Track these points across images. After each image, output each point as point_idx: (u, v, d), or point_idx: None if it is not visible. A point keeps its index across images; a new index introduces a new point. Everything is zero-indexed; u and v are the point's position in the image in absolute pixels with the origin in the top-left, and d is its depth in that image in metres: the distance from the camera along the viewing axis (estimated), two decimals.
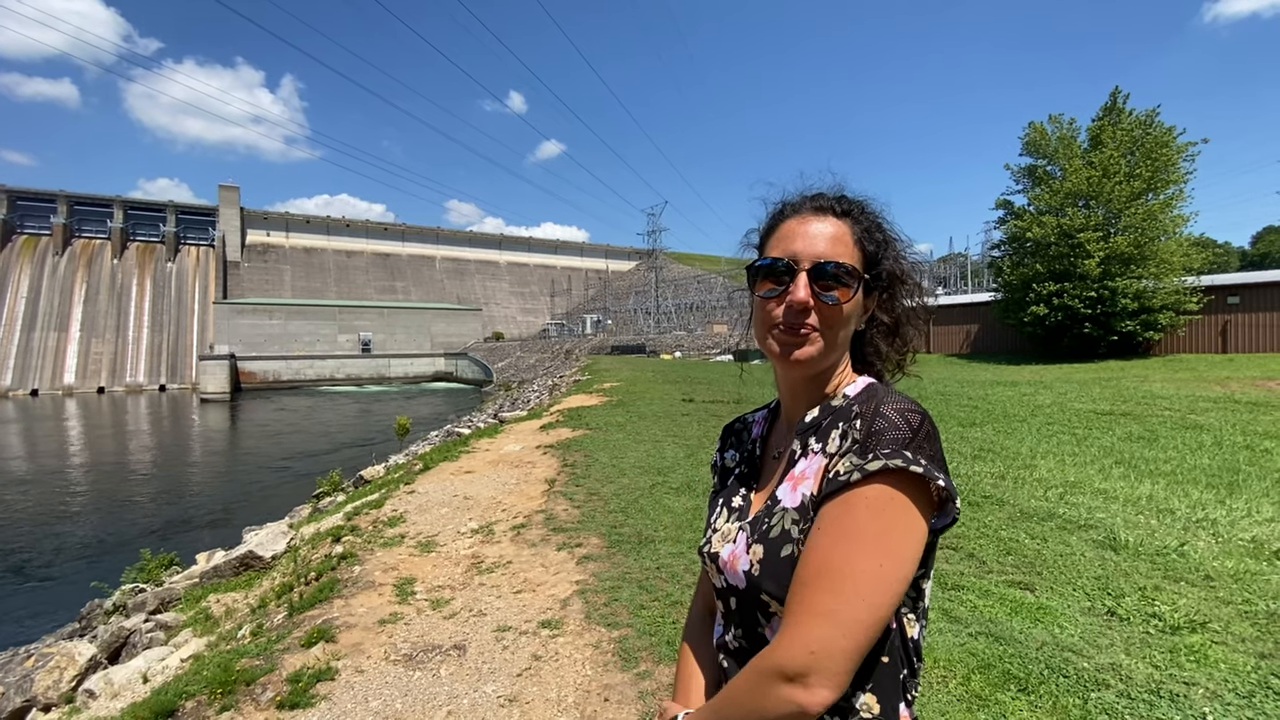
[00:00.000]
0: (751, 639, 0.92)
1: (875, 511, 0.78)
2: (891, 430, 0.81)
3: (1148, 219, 22.48)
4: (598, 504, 6.21)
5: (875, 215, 0.98)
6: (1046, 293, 23.41)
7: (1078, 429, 8.98)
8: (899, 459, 0.79)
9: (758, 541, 0.91)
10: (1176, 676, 2.77)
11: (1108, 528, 4.72)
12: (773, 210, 1.02)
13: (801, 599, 0.78)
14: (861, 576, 0.75)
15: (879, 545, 0.77)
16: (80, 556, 12.76)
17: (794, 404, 1.01)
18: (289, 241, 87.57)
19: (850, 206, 0.96)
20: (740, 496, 1.04)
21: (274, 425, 36.13)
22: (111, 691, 4.03)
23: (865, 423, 0.84)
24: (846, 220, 0.95)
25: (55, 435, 34.69)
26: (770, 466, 1.04)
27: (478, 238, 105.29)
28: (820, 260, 0.91)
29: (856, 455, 0.82)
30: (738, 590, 0.93)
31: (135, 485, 20.28)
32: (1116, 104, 24.50)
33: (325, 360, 69.34)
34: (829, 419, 0.92)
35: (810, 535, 0.82)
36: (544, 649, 3.48)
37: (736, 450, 1.14)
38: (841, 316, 0.92)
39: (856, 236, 0.95)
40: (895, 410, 0.84)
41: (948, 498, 0.83)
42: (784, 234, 0.96)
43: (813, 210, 0.96)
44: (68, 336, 67.46)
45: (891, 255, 0.98)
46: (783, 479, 0.95)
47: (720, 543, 1.00)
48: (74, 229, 74.75)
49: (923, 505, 0.80)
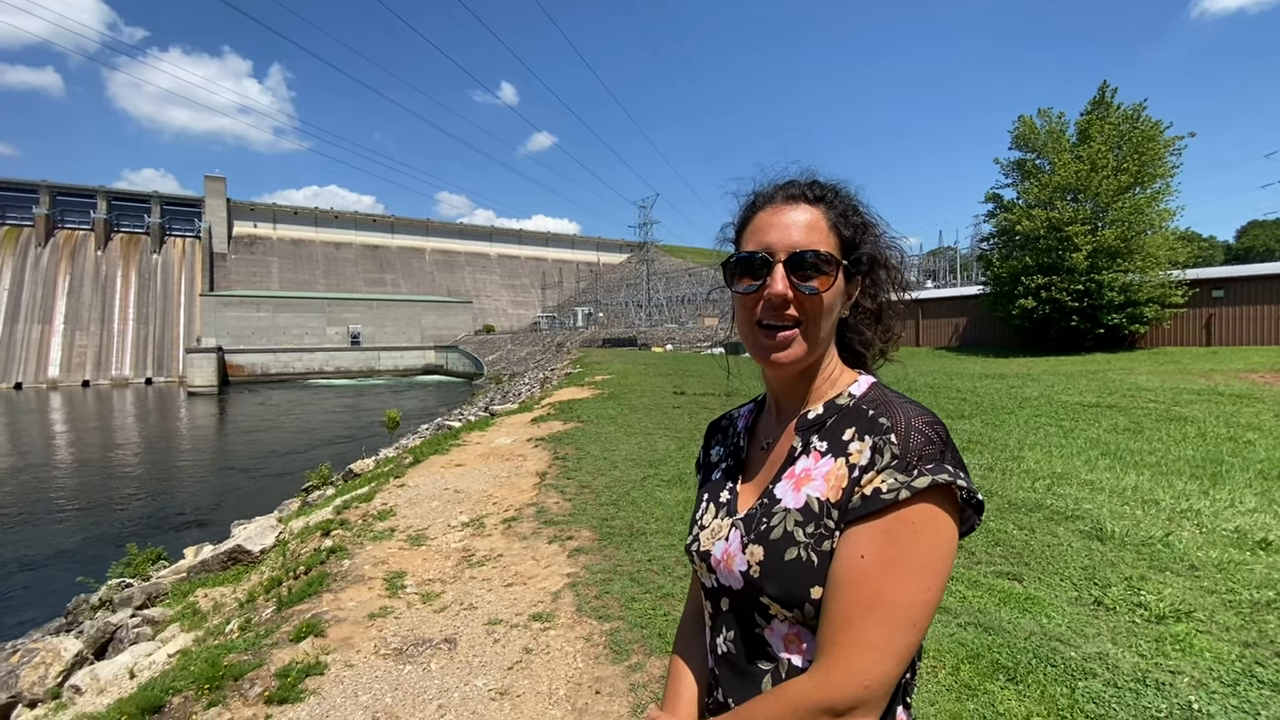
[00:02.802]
0: (748, 642, 0.89)
1: (922, 533, 0.76)
2: (928, 444, 0.79)
3: (1135, 213, 22.68)
4: (589, 497, 6.21)
5: (850, 198, 0.95)
6: (1035, 286, 23.60)
7: (1065, 421, 9.06)
8: (944, 473, 0.77)
9: (756, 542, 0.87)
10: (1162, 665, 2.80)
11: (1094, 518, 4.77)
12: (745, 203, 0.99)
13: (850, 631, 0.75)
14: (913, 605, 0.74)
15: (928, 570, 0.75)
16: (66, 552, 12.61)
17: (788, 398, 0.98)
18: (276, 233, 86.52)
19: (823, 191, 0.93)
20: (727, 490, 1.01)
21: (263, 418, 35.82)
22: (98, 687, 3.99)
23: (900, 436, 0.80)
24: (820, 206, 0.92)
25: (40, 429, 34.24)
26: (758, 458, 1.00)
27: (468, 230, 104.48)
28: (796, 250, 0.88)
29: (899, 471, 0.78)
30: (732, 591, 0.90)
31: (122, 480, 20.05)
32: (1105, 98, 24.62)
33: (314, 353, 68.69)
34: (835, 418, 0.90)
35: (847, 557, 0.78)
36: (535, 642, 3.47)
37: (722, 446, 1.11)
38: (823, 306, 0.89)
39: (832, 221, 0.92)
40: (924, 421, 0.82)
41: (978, 508, 0.83)
42: (758, 226, 0.93)
43: (785, 199, 0.93)
44: (51, 329, 66.44)
45: (870, 239, 0.95)
46: (780, 475, 0.92)
47: (710, 540, 0.96)
48: (57, 220, 73.46)
49: (956, 518, 0.79)
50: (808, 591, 0.81)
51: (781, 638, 0.86)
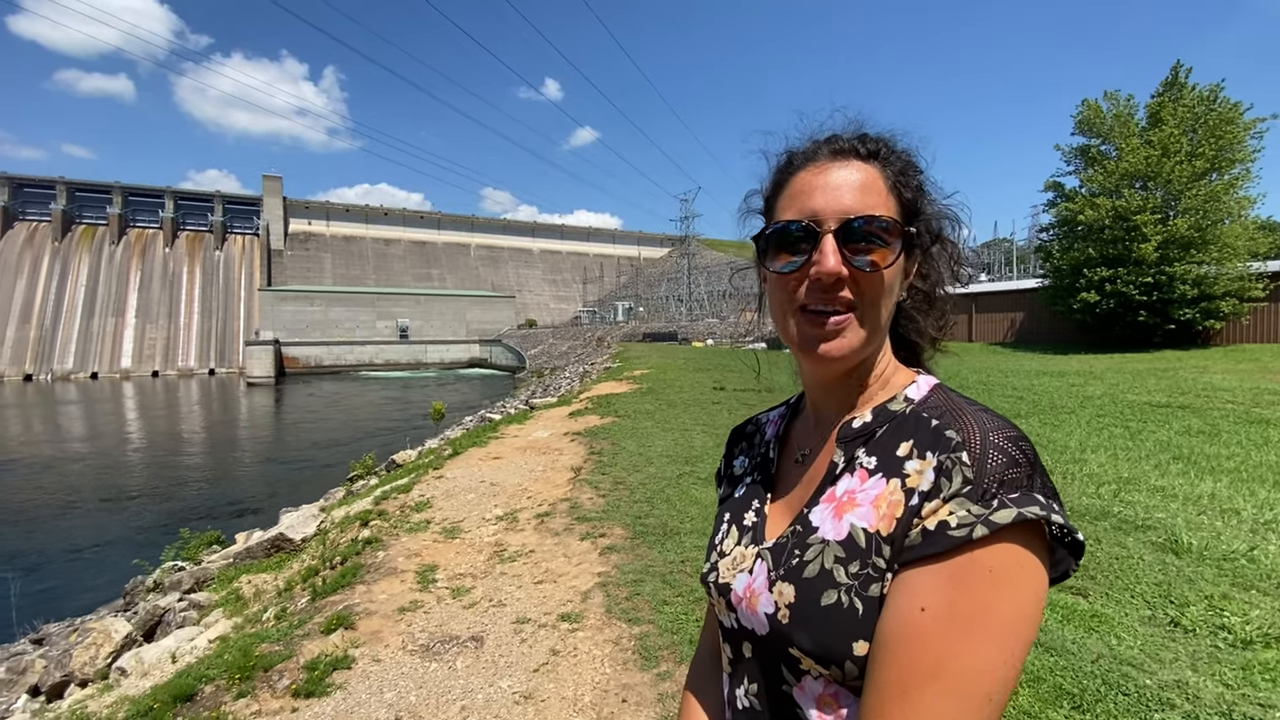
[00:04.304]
0: (773, 700, 0.73)
1: (1003, 583, 0.58)
2: (1011, 466, 0.62)
3: (1210, 201, 21.24)
4: (623, 493, 6.10)
5: (908, 154, 0.78)
6: (1099, 278, 22.37)
7: (1131, 422, 8.51)
8: (1032, 505, 0.60)
9: (786, 579, 0.71)
10: (1250, 697, 2.51)
11: (1168, 529, 4.40)
12: (778, 163, 0.81)
13: (905, 704, 0.58)
14: (989, 676, 0.57)
15: (1009, 631, 0.58)
16: (137, 531, 13.27)
17: (828, 400, 0.81)
18: (330, 230, 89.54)
19: (877, 146, 0.76)
20: (753, 512, 0.84)
21: (313, 410, 37.09)
22: (142, 670, 4.09)
23: (975, 455, 0.63)
24: (874, 163, 0.75)
25: (114, 417, 36.27)
26: (791, 472, 0.83)
27: (512, 225, 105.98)
28: (849, 216, 0.71)
29: (973, 501, 0.61)
30: (755, 636, 0.74)
31: (187, 465, 21.06)
32: (1178, 79, 23.10)
33: (364, 346, 70.92)
34: (888, 428, 0.73)
35: (903, 608, 0.61)
36: (562, 643, 3.37)
37: (747, 456, 0.94)
38: (884, 286, 0.72)
39: (891, 182, 0.75)
40: (1005, 436, 0.64)
41: (1075, 549, 0.65)
42: (798, 189, 0.76)
43: (830, 155, 0.76)
44: (124, 322, 70.41)
45: (929, 203, 0.79)
46: (817, 496, 0.75)
47: (731, 571, 0.80)
48: (129, 219, 77.76)
49: (1047, 562, 0.62)
50: (849, 647, 0.64)
51: (814, 698, 0.69)
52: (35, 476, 18.95)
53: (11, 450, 23.76)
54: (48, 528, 13.71)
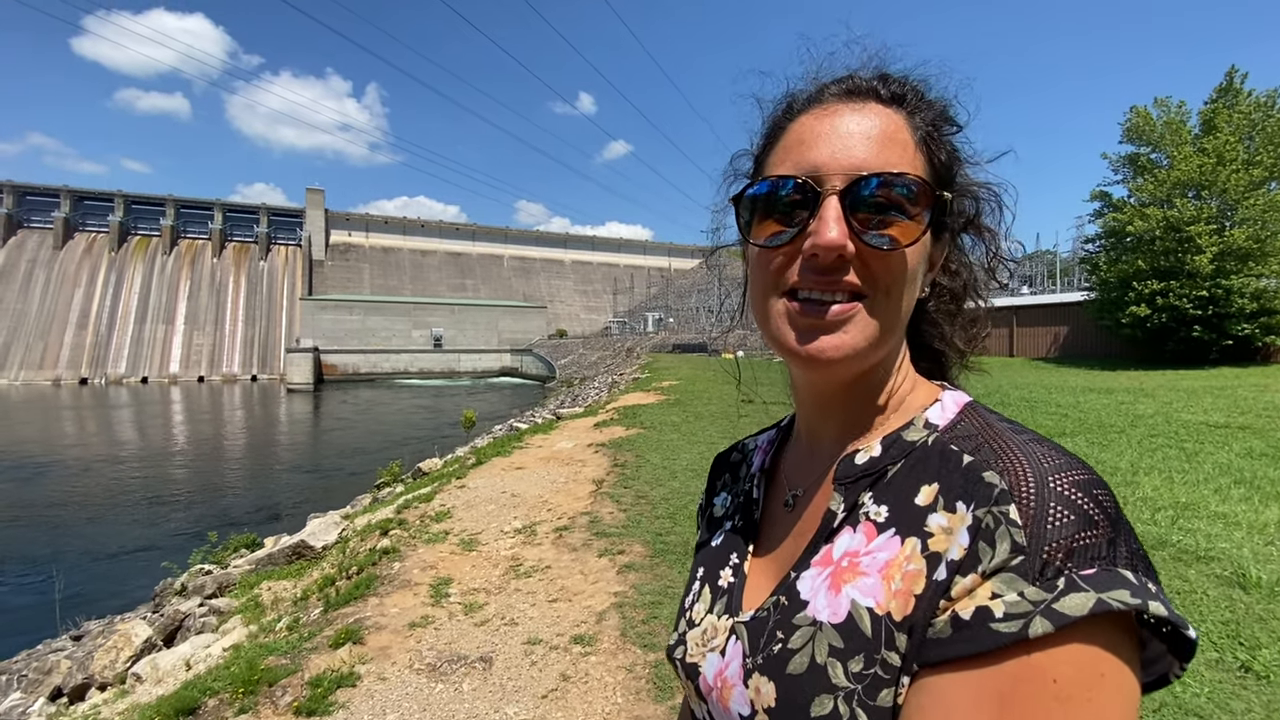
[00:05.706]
0: None
1: (1075, 704, 0.39)
2: (1084, 526, 0.43)
3: (1269, 210, 20.23)
4: (645, 508, 5.94)
5: (942, 105, 0.58)
6: (1149, 291, 21.42)
7: (1187, 443, 8.00)
8: (1122, 589, 0.40)
9: (764, 672, 0.52)
10: None
11: (1234, 560, 4.04)
12: (775, 109, 0.61)
13: None
14: None
15: None
16: (176, 533, 13.60)
17: (824, 423, 0.62)
18: (369, 241, 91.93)
19: (903, 89, 0.57)
20: (730, 569, 0.65)
21: (351, 415, 37.86)
22: (156, 677, 4.07)
23: (1029, 507, 0.44)
24: (899, 110, 0.56)
25: (162, 421, 37.57)
26: (780, 520, 0.64)
27: (544, 237, 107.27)
28: (860, 174, 0.51)
29: (1029, 580, 0.41)
30: None
31: (227, 470, 21.61)
32: (1233, 84, 22.15)
33: (400, 354, 72.37)
34: (902, 465, 0.54)
35: None
36: (574, 668, 3.22)
37: (730, 493, 0.75)
38: (904, 271, 0.53)
39: (921, 134, 0.55)
40: (1070, 481, 0.44)
41: (1183, 648, 0.44)
42: (794, 139, 0.56)
43: (841, 96, 0.56)
44: (173, 329, 73.24)
45: (964, 172, 0.60)
46: (808, 557, 0.56)
47: (700, 648, 0.62)
48: (180, 230, 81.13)
49: (1137, 666, 0.42)
50: None
51: None
52: (82, 476, 19.66)
53: (64, 451, 24.74)
54: (94, 526, 14.17)
